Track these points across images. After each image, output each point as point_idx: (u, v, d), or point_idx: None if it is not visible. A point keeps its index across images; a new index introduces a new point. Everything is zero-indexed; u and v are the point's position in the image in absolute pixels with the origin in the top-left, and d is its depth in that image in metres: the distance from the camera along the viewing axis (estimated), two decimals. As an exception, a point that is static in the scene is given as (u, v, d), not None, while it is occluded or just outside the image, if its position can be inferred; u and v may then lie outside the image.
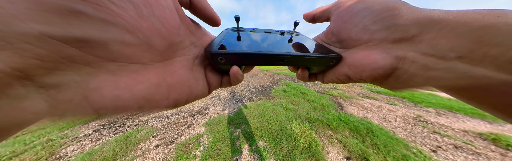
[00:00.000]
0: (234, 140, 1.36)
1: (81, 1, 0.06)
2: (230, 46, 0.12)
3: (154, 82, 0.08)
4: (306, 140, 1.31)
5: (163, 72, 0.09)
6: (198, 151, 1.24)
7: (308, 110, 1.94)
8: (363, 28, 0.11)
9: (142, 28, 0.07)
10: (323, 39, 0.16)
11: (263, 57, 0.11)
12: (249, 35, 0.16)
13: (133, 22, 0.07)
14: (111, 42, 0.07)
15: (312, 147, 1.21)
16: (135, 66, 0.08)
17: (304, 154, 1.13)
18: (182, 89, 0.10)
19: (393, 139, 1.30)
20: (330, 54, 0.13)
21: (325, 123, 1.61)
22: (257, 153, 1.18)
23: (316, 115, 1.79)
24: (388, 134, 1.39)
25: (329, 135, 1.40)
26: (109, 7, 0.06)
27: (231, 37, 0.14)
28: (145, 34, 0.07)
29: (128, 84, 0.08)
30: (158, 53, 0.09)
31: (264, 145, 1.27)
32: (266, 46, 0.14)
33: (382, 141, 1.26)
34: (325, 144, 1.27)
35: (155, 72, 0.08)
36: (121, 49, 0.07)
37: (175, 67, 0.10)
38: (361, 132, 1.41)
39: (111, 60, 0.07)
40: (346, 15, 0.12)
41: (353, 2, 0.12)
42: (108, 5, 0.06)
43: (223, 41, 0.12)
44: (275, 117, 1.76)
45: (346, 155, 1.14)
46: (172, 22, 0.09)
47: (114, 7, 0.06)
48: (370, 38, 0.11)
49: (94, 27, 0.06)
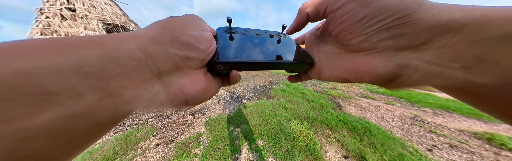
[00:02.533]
0: (233, 139, 1.37)
1: (190, 43, 0.11)
2: (226, 54, 0.15)
3: (204, 80, 0.13)
4: (305, 139, 1.32)
5: (203, 73, 0.13)
6: (198, 150, 1.25)
7: (307, 110, 1.96)
8: (366, 38, 0.10)
9: (204, 53, 0.13)
10: (315, 34, 0.17)
11: (254, 64, 0.15)
12: (241, 39, 0.18)
13: (202, 49, 0.12)
14: (195, 58, 0.12)
15: (310, 146, 1.23)
16: (195, 71, 0.12)
17: (302, 152, 1.15)
18: (213, 83, 0.14)
19: (390, 138, 1.32)
20: (304, 60, 0.16)
21: (323, 122, 1.63)
22: (257, 152, 1.19)
23: (315, 115, 1.81)
24: (386, 133, 1.41)
25: (327, 134, 1.42)
26: (195, 45, 0.11)
27: (225, 42, 0.16)
28: (203, 55, 0.13)
29: (195, 81, 0.12)
30: (202, 63, 0.13)
31: (264, 144, 1.29)
32: (256, 53, 0.16)
33: (379, 140, 1.28)
34: (323, 143, 1.29)
35: (201, 74, 0.13)
36: (197, 62, 0.12)
37: (204, 70, 0.14)
38: (359, 131, 1.43)
39: (189, 68, 0.12)
40: (347, 21, 0.11)
41: (354, 3, 0.10)
42: (195, 43, 0.12)
43: (219, 48, 0.15)
44: (275, 117, 1.77)
45: (344, 154, 1.16)
46: (209, 46, 0.14)
47: (197, 43, 0.12)
48: (373, 47, 0.10)
49: (192, 51, 0.11)
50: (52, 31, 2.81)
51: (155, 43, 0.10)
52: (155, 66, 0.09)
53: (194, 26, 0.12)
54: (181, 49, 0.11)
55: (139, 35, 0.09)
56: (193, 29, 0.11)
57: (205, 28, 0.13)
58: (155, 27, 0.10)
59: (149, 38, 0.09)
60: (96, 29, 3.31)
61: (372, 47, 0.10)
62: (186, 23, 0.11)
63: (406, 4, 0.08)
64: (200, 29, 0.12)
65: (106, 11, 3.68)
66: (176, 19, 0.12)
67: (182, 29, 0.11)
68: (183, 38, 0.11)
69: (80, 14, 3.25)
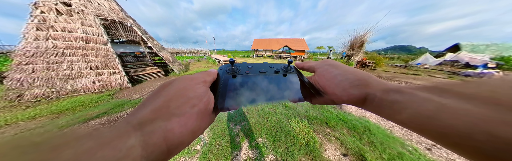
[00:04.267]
0: (234, 137, 1.39)
1: (195, 102, 0.13)
2: (228, 101, 0.16)
3: (195, 117, 0.13)
4: (304, 137, 1.33)
5: (198, 109, 0.13)
6: (198, 146, 1.28)
7: (307, 108, 1.96)
8: (343, 90, 0.16)
9: (200, 104, 0.14)
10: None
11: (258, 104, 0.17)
12: (245, 80, 0.18)
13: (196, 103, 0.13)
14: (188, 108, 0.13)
15: (310, 144, 1.24)
16: (188, 108, 0.12)
17: (302, 150, 1.17)
18: (206, 119, 0.14)
19: (389, 137, 1.32)
20: (310, 94, 0.19)
21: (323, 121, 1.64)
22: (257, 149, 1.21)
23: (315, 113, 1.81)
24: (385, 132, 1.41)
25: (327, 133, 1.42)
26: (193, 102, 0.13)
27: (227, 87, 0.17)
28: (198, 104, 0.14)
29: (185, 121, 0.12)
30: (199, 99, 0.14)
31: (263, 141, 1.31)
32: (261, 93, 0.17)
33: (379, 139, 1.29)
34: (323, 141, 1.30)
35: (195, 110, 0.13)
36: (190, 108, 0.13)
37: (202, 103, 0.14)
38: (358, 130, 1.44)
39: (178, 107, 0.12)
40: (326, 75, 0.18)
41: (330, 67, 0.19)
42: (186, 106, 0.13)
43: (219, 95, 0.16)
44: (275, 115, 1.78)
45: (343, 152, 1.17)
46: (203, 102, 0.15)
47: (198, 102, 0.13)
48: (348, 95, 0.16)
49: (186, 105, 0.12)
50: (48, 27, 2.75)
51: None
52: (135, 117, 0.11)
53: (183, 95, 0.13)
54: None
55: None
56: (182, 97, 0.13)
57: (196, 89, 0.14)
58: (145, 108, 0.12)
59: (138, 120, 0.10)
60: (93, 25, 3.22)
61: (347, 95, 0.16)
62: (174, 97, 0.13)
63: (361, 73, 0.17)
64: (191, 93, 0.13)
65: (102, 6, 3.54)
66: (166, 94, 0.13)
67: (172, 103, 0.12)
68: (173, 110, 0.12)
69: (76, 9, 3.14)
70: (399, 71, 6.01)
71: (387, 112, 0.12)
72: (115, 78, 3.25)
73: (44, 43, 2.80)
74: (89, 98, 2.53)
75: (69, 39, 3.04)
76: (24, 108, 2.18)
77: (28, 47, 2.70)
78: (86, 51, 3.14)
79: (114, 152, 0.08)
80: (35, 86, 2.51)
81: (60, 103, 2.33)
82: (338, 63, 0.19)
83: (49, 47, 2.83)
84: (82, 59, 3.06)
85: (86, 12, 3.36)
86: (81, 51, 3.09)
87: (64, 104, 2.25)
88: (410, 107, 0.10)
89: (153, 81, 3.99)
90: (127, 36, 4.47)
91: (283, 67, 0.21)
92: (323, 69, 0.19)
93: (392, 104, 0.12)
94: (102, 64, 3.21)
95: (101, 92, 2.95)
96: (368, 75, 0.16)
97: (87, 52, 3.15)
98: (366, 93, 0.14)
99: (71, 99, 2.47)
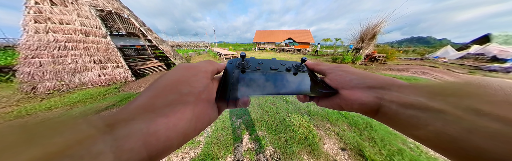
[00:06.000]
0: (235, 129, 1.44)
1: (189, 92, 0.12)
2: (236, 94, 0.15)
3: (189, 117, 0.11)
4: (304, 131, 1.36)
5: (193, 106, 0.11)
6: (202, 137, 1.34)
7: (308, 104, 1.94)
8: (356, 98, 0.14)
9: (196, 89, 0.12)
10: None
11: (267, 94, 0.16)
12: (254, 76, 0.17)
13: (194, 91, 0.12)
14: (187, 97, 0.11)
15: (309, 138, 1.26)
16: (179, 106, 0.11)
17: (301, 143, 1.20)
18: (204, 118, 0.12)
19: (391, 134, 1.31)
20: (326, 91, 0.18)
21: (324, 116, 1.64)
22: (257, 141, 1.26)
23: (316, 108, 1.80)
24: (388, 129, 1.40)
25: (327, 128, 1.43)
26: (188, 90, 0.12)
27: (242, 83, 0.16)
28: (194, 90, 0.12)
29: (174, 123, 0.10)
30: (195, 96, 0.12)
31: (264, 134, 1.35)
32: (271, 89, 0.16)
33: (380, 135, 1.28)
34: (322, 135, 1.32)
35: (189, 108, 0.11)
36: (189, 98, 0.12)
37: (199, 100, 0.12)
38: (359, 126, 1.43)
39: (167, 105, 0.10)
40: (339, 79, 0.17)
41: (344, 73, 0.17)
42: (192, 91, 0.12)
43: (229, 87, 0.15)
44: (275, 109, 1.79)
45: (342, 146, 1.19)
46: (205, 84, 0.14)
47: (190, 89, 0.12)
48: (359, 103, 0.14)
49: (176, 103, 0.11)
50: (45, 19, 2.68)
51: None
52: (109, 117, 0.09)
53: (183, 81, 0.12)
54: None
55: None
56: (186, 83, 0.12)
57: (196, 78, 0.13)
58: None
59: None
60: (90, 16, 3.10)
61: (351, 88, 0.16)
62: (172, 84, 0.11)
63: (383, 78, 0.15)
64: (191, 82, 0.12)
65: None
66: (165, 82, 0.11)
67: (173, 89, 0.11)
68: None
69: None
70: (414, 63, 5.56)
71: (402, 126, 0.11)
72: (119, 72, 3.31)
73: (45, 37, 2.80)
74: (97, 90, 2.65)
75: (68, 32, 3.00)
76: (40, 99, 2.34)
77: (30, 41, 2.71)
78: (87, 45, 3.13)
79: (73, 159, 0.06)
80: (45, 79, 2.62)
81: (71, 95, 2.46)
82: (355, 69, 0.17)
83: (51, 40, 2.82)
84: (85, 52, 3.08)
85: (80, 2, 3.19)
86: (82, 44, 3.08)
87: (75, 96, 2.38)
88: (432, 125, 0.09)
89: (156, 75, 4.06)
90: (125, 28, 4.35)
91: (295, 66, 0.20)
92: (336, 74, 0.18)
93: (410, 119, 0.10)
94: (104, 58, 3.23)
95: (108, 85, 3.06)
96: (391, 79, 0.14)
97: (88, 45, 3.14)
98: (380, 104, 0.13)
99: (81, 92, 2.60)
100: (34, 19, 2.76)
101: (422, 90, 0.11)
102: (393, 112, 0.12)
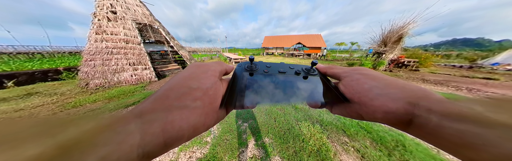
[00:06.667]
0: (241, 133, 1.42)
1: (194, 95, 0.12)
2: (243, 99, 0.14)
3: (199, 111, 0.11)
4: (315, 143, 1.22)
5: (202, 101, 0.12)
6: (209, 138, 1.37)
7: (320, 112, 1.77)
8: (379, 106, 0.12)
9: (207, 94, 0.13)
10: None
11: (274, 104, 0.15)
12: (262, 79, 0.17)
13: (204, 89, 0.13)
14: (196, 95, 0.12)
15: (322, 151, 1.12)
16: (190, 100, 0.12)
17: (312, 157, 1.07)
18: (212, 115, 0.13)
19: (435, 159, 1.04)
20: (335, 100, 0.16)
21: (340, 128, 1.45)
22: (263, 149, 1.20)
23: (330, 118, 1.62)
24: (429, 152, 1.11)
25: (344, 142, 1.25)
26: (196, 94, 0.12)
27: (244, 85, 0.16)
28: (207, 97, 0.13)
29: (187, 115, 0.11)
30: (203, 91, 0.13)
31: (270, 141, 1.28)
32: (278, 95, 0.16)
33: (418, 160, 1.03)
34: (338, 150, 1.16)
35: (199, 103, 0.12)
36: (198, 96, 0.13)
37: (207, 96, 0.13)
38: (387, 144, 1.19)
39: (179, 97, 0.11)
40: (356, 87, 0.14)
41: (363, 77, 0.15)
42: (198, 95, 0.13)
43: (237, 91, 0.15)
44: (283, 116, 1.70)
45: (363, 166, 1.00)
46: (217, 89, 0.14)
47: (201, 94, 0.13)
48: (384, 111, 0.12)
49: (186, 97, 0.12)
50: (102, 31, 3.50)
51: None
52: (137, 107, 0.10)
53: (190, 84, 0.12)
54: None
55: None
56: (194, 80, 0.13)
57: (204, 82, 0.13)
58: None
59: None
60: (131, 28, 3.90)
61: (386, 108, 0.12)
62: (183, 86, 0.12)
63: (413, 88, 0.12)
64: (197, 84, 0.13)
65: (137, 12, 4.23)
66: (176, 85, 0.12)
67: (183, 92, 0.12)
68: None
69: (119, 16, 3.85)
70: (458, 73, 4.19)
71: (450, 145, 0.09)
72: (146, 73, 3.87)
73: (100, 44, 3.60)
74: (128, 88, 3.13)
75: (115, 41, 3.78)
76: (89, 93, 2.91)
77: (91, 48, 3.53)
78: (126, 50, 3.85)
79: (113, 135, 0.08)
80: (95, 77, 3.29)
81: (110, 91, 2.97)
82: (376, 73, 0.15)
83: (103, 47, 3.60)
84: (124, 57, 3.77)
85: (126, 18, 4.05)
86: (123, 50, 3.80)
87: (113, 92, 2.86)
88: (495, 146, 0.07)
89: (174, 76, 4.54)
90: (155, 37, 5.19)
91: (304, 69, 0.19)
92: (352, 79, 0.15)
93: (462, 135, 0.08)
94: (137, 61, 3.88)
95: (136, 84, 3.59)
96: (424, 91, 0.11)
97: (127, 51, 3.85)
98: (413, 113, 0.10)
99: (117, 89, 3.12)
100: (95, 32, 3.63)
101: (474, 101, 0.09)
102: (433, 124, 0.09)
